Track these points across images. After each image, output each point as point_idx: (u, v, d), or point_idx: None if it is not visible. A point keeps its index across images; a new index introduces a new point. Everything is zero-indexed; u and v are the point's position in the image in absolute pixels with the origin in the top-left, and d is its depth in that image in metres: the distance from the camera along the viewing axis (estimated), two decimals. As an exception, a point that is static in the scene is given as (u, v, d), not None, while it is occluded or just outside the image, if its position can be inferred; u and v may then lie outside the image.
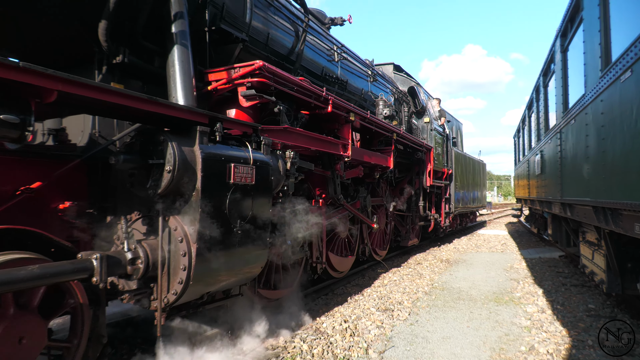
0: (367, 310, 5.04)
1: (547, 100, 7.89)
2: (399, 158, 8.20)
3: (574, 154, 5.12)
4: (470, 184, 14.01)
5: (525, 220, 17.26)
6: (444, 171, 10.96)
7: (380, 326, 4.46)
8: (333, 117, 5.19)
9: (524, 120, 12.04)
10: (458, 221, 14.03)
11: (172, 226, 2.75)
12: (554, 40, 6.59)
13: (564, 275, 7.12)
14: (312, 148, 4.52)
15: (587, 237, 5.71)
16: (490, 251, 10.66)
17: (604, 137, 3.80)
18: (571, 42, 5.56)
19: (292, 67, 5.30)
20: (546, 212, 9.24)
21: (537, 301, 5.51)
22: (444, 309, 5.20)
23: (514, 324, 4.61)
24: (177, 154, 2.60)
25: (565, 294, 5.86)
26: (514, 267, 8.17)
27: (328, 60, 6.28)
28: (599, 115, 3.96)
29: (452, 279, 7.00)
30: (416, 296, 5.78)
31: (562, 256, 9.12)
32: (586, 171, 4.50)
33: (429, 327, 4.50)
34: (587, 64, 4.46)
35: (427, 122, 10.38)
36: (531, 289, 6.26)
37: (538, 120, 8.83)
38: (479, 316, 4.89)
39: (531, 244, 12.02)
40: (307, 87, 4.35)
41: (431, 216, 10.32)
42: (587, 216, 4.73)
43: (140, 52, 3.44)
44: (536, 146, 9.04)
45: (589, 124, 4.34)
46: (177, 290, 2.72)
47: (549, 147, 7.19)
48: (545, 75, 8.01)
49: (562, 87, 5.90)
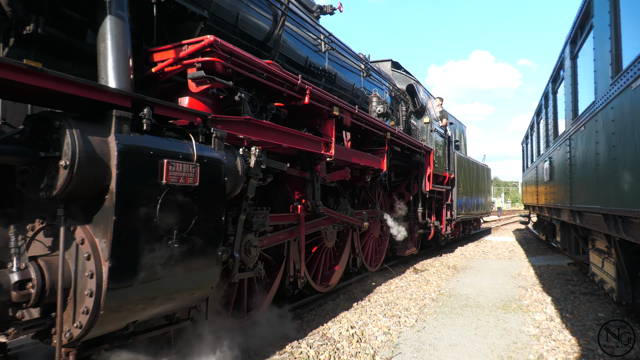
0: (373, 316, 5.02)
1: (556, 107, 7.85)
2: (396, 161, 7.81)
3: (584, 161, 5.08)
4: (474, 189, 13.34)
5: (533, 227, 17.12)
6: (446, 175, 10.31)
7: (387, 332, 4.44)
8: (314, 112, 4.59)
9: (532, 127, 11.97)
10: (461, 229, 13.39)
11: (77, 239, 2.16)
12: (564, 46, 6.57)
13: (573, 283, 7.05)
14: (285, 145, 3.86)
15: (596, 245, 5.66)
16: (497, 258, 10.58)
17: (615, 145, 3.77)
18: (581, 49, 5.54)
19: (269, 54, 4.69)
20: (555, 219, 9.17)
21: (545, 309, 5.46)
22: (451, 315, 5.17)
23: (522, 331, 4.57)
24: (79, 144, 2.02)
25: (574, 302, 5.79)
26: (522, 275, 8.10)
27: (314, 51, 5.63)
28: (609, 122, 3.93)
29: (459, 286, 6.96)
30: (423, 303, 5.75)
31: (570, 264, 9.03)
32: (596, 178, 4.47)
33: (436, 334, 4.47)
34: (597, 71, 4.44)
35: (426, 122, 9.66)
36: (539, 296, 6.20)
37: (547, 126, 8.78)
38: (487, 323, 4.85)
39: (539, 251, 11.91)
40: (276, 73, 3.68)
41: (431, 223, 9.64)
42: (597, 224, 4.69)
43: (64, 24, 2.80)
44: (545, 153, 8.98)
45: (599, 131, 4.31)
46: (82, 322, 2.10)
47: (558, 153, 7.14)
48: (554, 81, 7.98)
49: (572, 94, 5.87)
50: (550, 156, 8.10)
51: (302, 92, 4.11)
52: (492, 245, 13.25)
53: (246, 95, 3.45)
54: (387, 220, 7.76)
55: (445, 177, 10.32)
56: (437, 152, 9.66)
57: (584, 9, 5.12)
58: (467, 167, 12.62)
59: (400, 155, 8.09)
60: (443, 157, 10.25)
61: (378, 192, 7.59)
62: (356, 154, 5.59)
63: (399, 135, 6.84)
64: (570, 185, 5.96)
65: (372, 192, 7.39)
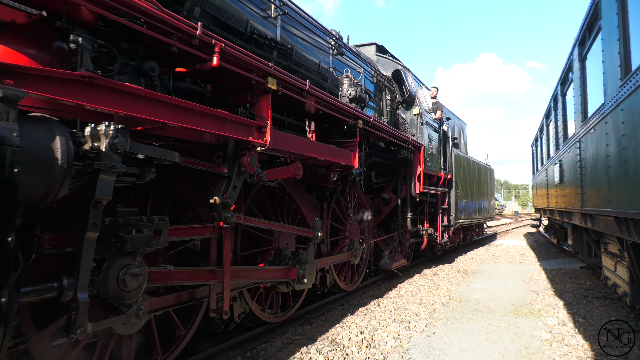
0: (383, 321, 5.00)
1: (565, 109, 7.79)
2: (379, 157, 6.78)
3: (594, 164, 5.03)
4: (475, 192, 12.11)
5: (544, 230, 16.95)
6: (441, 176, 9.01)
7: (397, 338, 4.42)
8: (242, 84, 3.34)
9: (541, 129, 11.89)
10: (461, 235, 12.10)
11: None
12: (572, 48, 6.53)
13: (586, 287, 6.95)
14: (174, 124, 2.55)
15: (609, 248, 5.59)
16: (508, 262, 10.48)
17: (625, 147, 3.74)
18: (589, 51, 5.50)
19: (181, 8, 3.48)
20: (566, 223, 9.07)
21: (557, 313, 5.39)
22: (461, 320, 5.13)
23: (534, 336, 4.52)
24: None
25: (587, 306, 5.72)
26: (533, 279, 8.01)
27: (260, 15, 4.43)
28: (619, 124, 3.90)
29: (469, 290, 6.90)
30: (433, 307, 5.71)
31: (583, 267, 8.91)
32: (607, 181, 4.42)
33: (446, 339, 4.44)
34: (606, 73, 4.41)
35: (416, 114, 8.27)
36: (551, 300, 6.13)
37: (556, 129, 8.71)
38: (498, 328, 4.81)
39: (551, 254, 11.78)
40: (149, 10, 2.37)
41: (424, 231, 8.31)
42: (608, 227, 4.64)
43: None
44: (555, 155, 8.91)
45: (609, 133, 4.27)
46: None
47: (568, 156, 7.08)
48: (563, 84, 7.93)
49: (581, 96, 5.83)
50: (560, 159, 8.03)
51: (206, 47, 2.76)
52: (503, 249, 13.13)
53: (85, 40, 2.16)
54: (363, 228, 6.64)
55: (440, 177, 9.01)
56: (430, 148, 8.38)
57: (591, 11, 5.10)
58: (467, 167, 11.47)
59: (384, 152, 7.08)
60: (437, 154, 8.97)
61: (357, 194, 6.51)
62: (312, 145, 4.32)
63: (376, 125, 5.53)
64: (581, 187, 5.90)
65: (348, 195, 6.18)
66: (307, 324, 4.89)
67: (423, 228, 8.32)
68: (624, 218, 3.91)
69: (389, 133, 6.18)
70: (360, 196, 6.62)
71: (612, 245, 5.33)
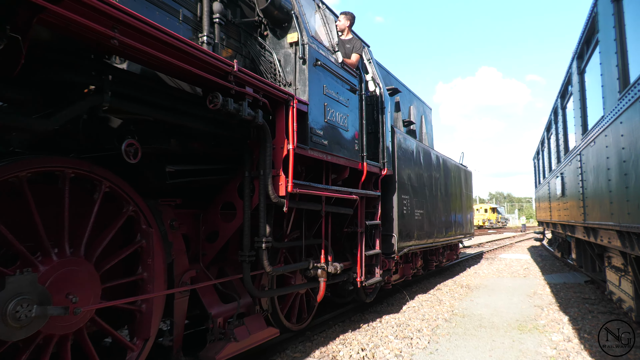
0: (384, 338, 4.92)
1: (565, 122, 7.80)
2: (198, 122, 3.18)
3: (596, 177, 5.00)
4: (440, 199, 8.49)
5: (547, 243, 16.80)
6: (373, 171, 5.52)
7: (399, 355, 4.34)
8: None
9: (543, 142, 11.88)
10: (419, 263, 8.22)
11: None
12: (571, 62, 6.56)
13: (591, 302, 6.85)
14: None
15: (612, 262, 5.52)
16: (512, 276, 10.36)
17: (625, 160, 3.72)
18: (588, 64, 5.52)
19: None
20: (569, 236, 8.99)
21: (562, 329, 5.30)
22: (464, 337, 5.04)
23: (539, 353, 4.43)
24: None
25: (592, 321, 5.62)
26: (538, 293, 7.91)
27: None
28: (619, 137, 3.88)
29: (473, 306, 6.81)
30: (436, 323, 5.63)
31: (587, 281, 8.80)
32: (609, 194, 4.39)
33: (449, 356, 4.36)
34: (604, 86, 4.41)
35: (293, 42, 4.23)
36: (556, 316, 6.03)
37: (557, 142, 8.70)
38: (502, 345, 4.72)
39: (555, 268, 11.65)
40: None
41: (320, 268, 4.68)
42: (611, 241, 4.59)
43: None
44: (556, 168, 8.88)
45: (610, 146, 4.25)
46: None
47: (570, 169, 7.05)
48: (562, 97, 7.95)
49: (581, 109, 5.83)
50: (562, 172, 8.00)
51: None
52: (507, 263, 13.00)
53: None
54: None
55: (367, 172, 5.28)
56: (329, 114, 4.42)
57: (589, 24, 5.13)
58: (427, 163, 7.84)
59: (200, 109, 3.17)
60: (362, 133, 5.23)
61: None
62: None
63: (135, 23, 2.22)
64: (583, 201, 5.86)
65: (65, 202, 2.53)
66: (308, 341, 4.81)
67: (319, 264, 4.70)
68: (627, 232, 3.87)
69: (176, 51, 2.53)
70: None
71: (615, 259, 5.27)
